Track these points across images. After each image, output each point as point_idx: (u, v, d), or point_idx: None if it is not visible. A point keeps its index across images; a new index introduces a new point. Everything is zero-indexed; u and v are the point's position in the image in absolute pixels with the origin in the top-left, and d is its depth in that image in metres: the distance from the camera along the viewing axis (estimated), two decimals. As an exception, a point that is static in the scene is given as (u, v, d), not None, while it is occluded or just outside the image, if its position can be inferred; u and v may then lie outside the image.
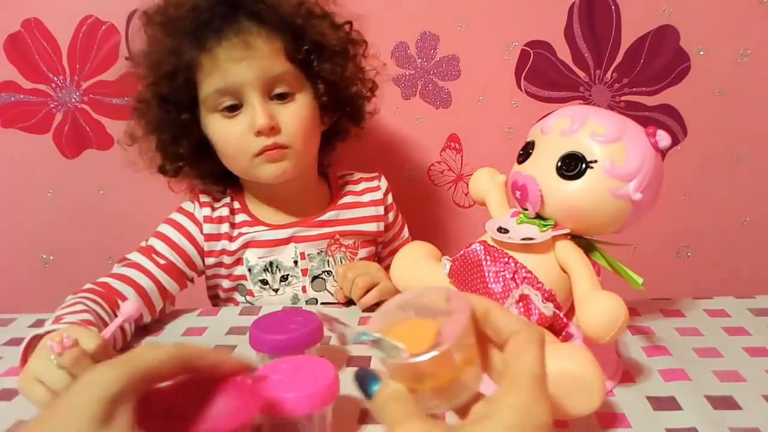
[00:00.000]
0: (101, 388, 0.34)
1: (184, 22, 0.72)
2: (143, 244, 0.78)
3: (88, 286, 0.71)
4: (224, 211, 0.81)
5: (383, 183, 0.88)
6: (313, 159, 0.83)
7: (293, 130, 0.73)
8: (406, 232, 0.92)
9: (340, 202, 0.84)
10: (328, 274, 0.83)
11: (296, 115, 0.74)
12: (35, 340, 0.57)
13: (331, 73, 0.76)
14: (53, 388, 0.50)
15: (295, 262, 0.81)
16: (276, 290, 0.81)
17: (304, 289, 0.82)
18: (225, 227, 0.80)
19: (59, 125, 1.04)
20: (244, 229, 0.80)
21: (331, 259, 0.83)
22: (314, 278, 0.82)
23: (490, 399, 0.33)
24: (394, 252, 0.76)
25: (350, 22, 0.81)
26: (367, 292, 0.75)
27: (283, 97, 0.73)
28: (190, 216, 0.80)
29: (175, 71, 0.72)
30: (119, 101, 1.02)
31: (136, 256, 0.76)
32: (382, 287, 0.75)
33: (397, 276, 0.68)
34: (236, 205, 0.82)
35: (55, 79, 1.01)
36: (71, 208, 1.08)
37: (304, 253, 0.82)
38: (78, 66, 1.01)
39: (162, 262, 0.76)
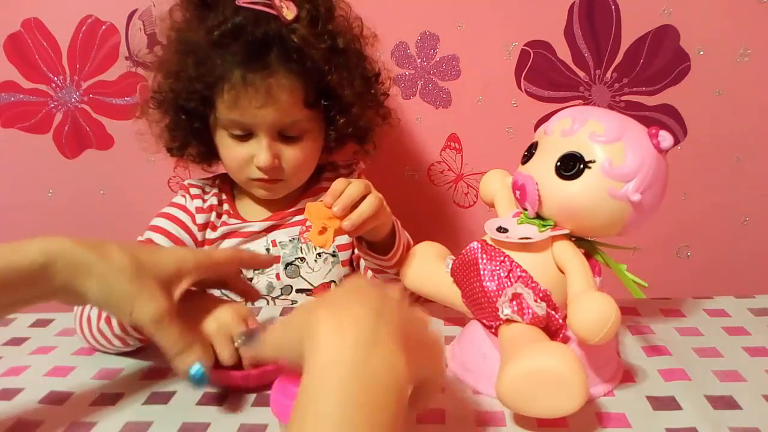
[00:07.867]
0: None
1: (222, 38, 0.70)
2: (140, 238, 0.79)
3: None
4: (214, 200, 0.84)
5: (358, 167, 0.88)
6: None
7: (292, 168, 0.78)
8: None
9: (314, 190, 0.86)
10: (301, 260, 0.83)
11: (299, 155, 0.78)
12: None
13: (345, 126, 0.79)
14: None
15: (267, 250, 0.82)
16: (250, 279, 0.82)
17: (278, 277, 0.82)
18: (213, 216, 0.83)
19: (59, 125, 1.04)
20: (224, 219, 0.83)
21: (304, 246, 0.83)
22: (287, 265, 0.82)
23: None
24: None
25: (379, 74, 0.84)
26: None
27: (290, 139, 0.77)
28: (182, 208, 0.82)
29: (196, 85, 0.73)
30: (119, 101, 1.02)
31: None
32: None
33: (407, 276, 0.69)
34: (223, 196, 0.86)
35: (55, 79, 1.01)
36: (71, 208, 1.08)
37: (275, 240, 0.83)
38: (78, 66, 1.01)
39: None
